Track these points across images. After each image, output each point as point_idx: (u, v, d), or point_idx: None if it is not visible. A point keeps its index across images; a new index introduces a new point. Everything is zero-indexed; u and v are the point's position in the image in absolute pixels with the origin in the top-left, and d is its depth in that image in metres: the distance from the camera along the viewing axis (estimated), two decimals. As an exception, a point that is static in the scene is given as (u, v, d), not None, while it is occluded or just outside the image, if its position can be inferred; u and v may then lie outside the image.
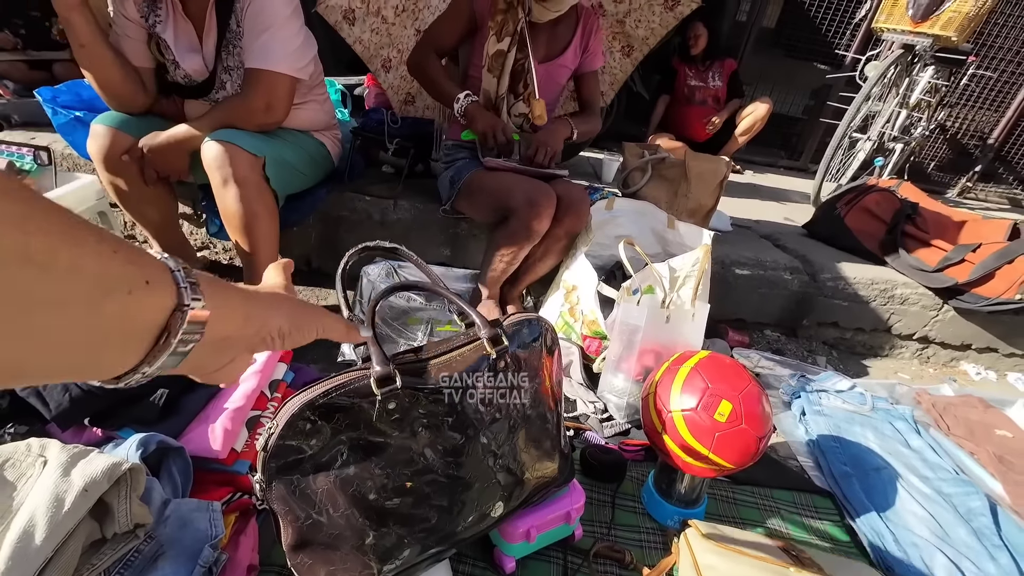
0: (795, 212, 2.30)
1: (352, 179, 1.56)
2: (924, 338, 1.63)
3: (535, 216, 1.14)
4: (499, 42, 1.25)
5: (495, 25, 1.24)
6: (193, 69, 1.16)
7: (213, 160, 1.06)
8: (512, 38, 1.23)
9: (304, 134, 1.32)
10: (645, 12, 1.56)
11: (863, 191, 1.77)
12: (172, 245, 1.40)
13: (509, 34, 1.24)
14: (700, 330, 1.10)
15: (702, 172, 1.49)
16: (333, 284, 1.58)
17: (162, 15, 1.12)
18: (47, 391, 0.64)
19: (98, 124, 1.13)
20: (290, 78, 1.15)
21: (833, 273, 1.55)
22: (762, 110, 2.99)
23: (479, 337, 0.64)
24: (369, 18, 1.39)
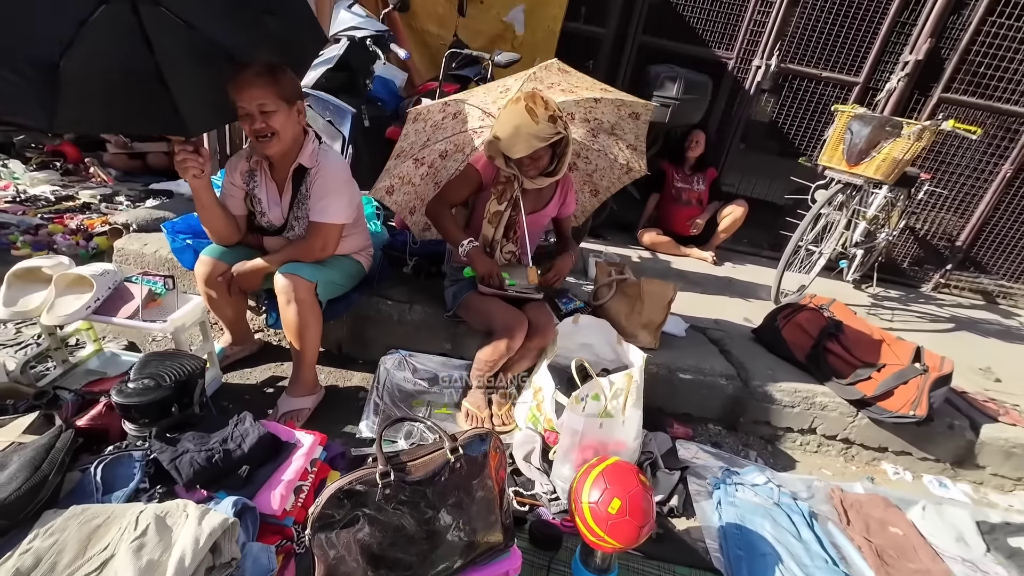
0: (756, 311, 2.63)
1: (380, 282, 2.00)
2: (846, 439, 1.91)
3: (511, 338, 1.54)
4: (499, 204, 1.68)
5: (496, 192, 1.68)
6: (274, 217, 1.63)
7: (282, 287, 1.50)
8: (508, 202, 1.67)
9: (346, 257, 1.76)
10: (607, 172, 2.01)
11: (798, 308, 2.12)
12: (239, 331, 1.85)
13: (507, 200, 1.67)
14: (631, 431, 1.45)
15: (653, 294, 1.87)
16: (358, 367, 2.02)
17: (258, 181, 1.60)
18: (181, 466, 1.04)
19: (205, 255, 1.60)
20: (340, 225, 1.61)
21: (763, 381, 1.88)
22: (738, 212, 3.41)
23: (443, 448, 1.02)
24: (404, 187, 1.86)
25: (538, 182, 1.64)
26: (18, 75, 1.31)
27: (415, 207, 1.89)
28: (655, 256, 3.43)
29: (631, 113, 1.76)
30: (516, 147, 1.48)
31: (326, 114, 2.30)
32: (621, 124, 1.81)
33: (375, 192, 1.72)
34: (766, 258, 3.90)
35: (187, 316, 1.45)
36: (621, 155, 1.91)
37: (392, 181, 1.74)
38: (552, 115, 1.48)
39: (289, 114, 1.45)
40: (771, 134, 3.73)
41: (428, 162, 1.79)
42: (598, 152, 1.95)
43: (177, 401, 1.18)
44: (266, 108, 1.39)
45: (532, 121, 1.45)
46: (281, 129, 1.43)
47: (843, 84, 3.43)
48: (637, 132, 1.81)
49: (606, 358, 1.83)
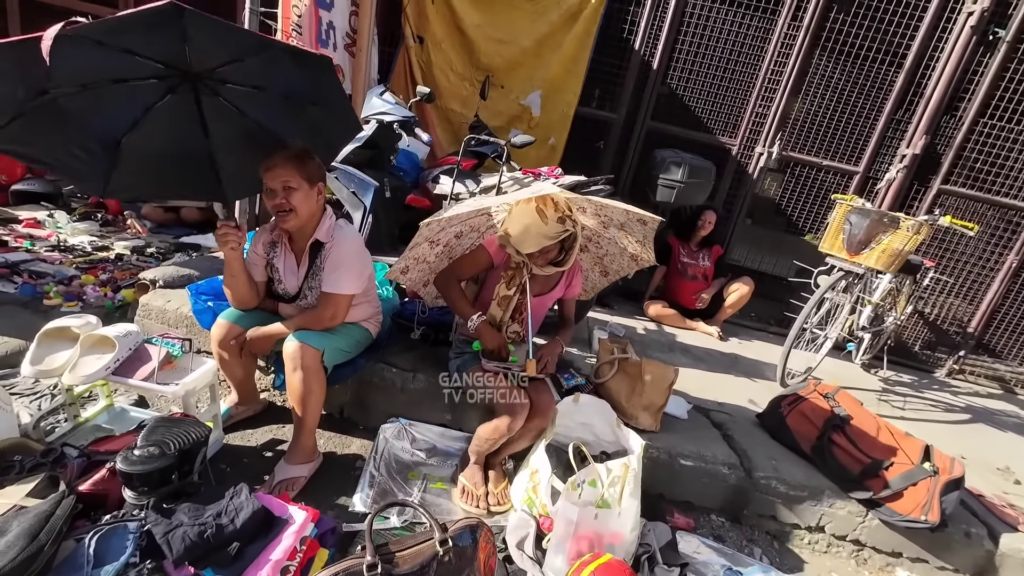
0: (760, 393, 2.60)
1: (388, 347, 2.05)
2: (857, 541, 1.82)
3: (512, 418, 1.55)
4: (508, 289, 1.75)
5: (506, 276, 1.74)
6: (290, 286, 1.72)
7: (290, 354, 1.56)
8: (517, 287, 1.74)
9: (355, 325, 1.83)
10: (617, 258, 2.10)
11: (803, 396, 2.10)
12: (246, 392, 1.89)
13: (516, 285, 1.75)
14: (628, 522, 1.41)
15: (654, 376, 1.88)
16: (358, 433, 2.03)
17: (278, 252, 1.71)
18: (173, 541, 1.05)
19: (222, 319, 1.68)
20: (350, 296, 1.68)
21: (767, 472, 1.83)
22: (744, 290, 3.46)
23: (433, 538, 1.02)
24: (419, 266, 1.95)
25: (546, 270, 1.72)
26: (87, 153, 1.48)
27: (428, 280, 1.97)
28: (660, 328, 3.45)
29: (639, 219, 1.85)
30: (526, 244, 1.57)
31: (351, 185, 2.47)
32: (630, 224, 1.91)
33: (391, 274, 1.82)
34: (773, 334, 3.90)
35: (199, 380, 1.50)
36: (630, 246, 1.99)
37: (407, 263, 1.84)
38: (561, 216, 1.57)
39: (308, 193, 1.57)
40: (776, 211, 3.85)
41: (443, 242, 1.90)
42: (609, 240, 2.04)
43: (178, 469, 1.21)
44: (289, 185, 1.52)
45: (542, 222, 1.55)
46: (299, 206, 1.55)
47: (843, 172, 3.58)
48: (645, 234, 1.90)
49: (606, 439, 1.81)
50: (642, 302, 3.64)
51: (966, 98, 3.33)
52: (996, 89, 3.26)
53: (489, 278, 1.84)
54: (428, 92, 2.61)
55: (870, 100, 3.43)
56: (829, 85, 3.45)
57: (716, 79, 3.60)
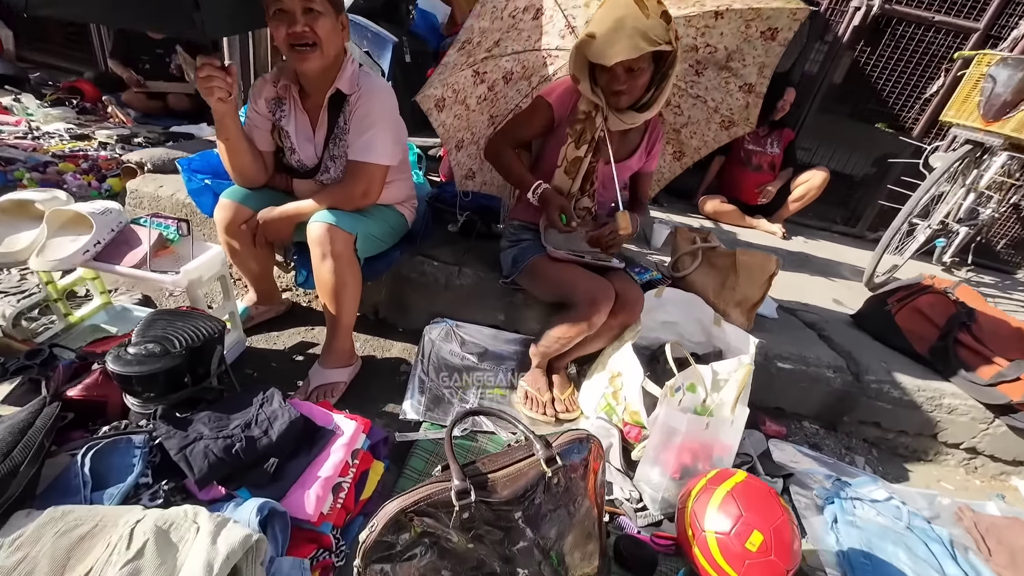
0: (845, 293, 2.29)
1: (424, 240, 1.73)
2: (972, 448, 1.60)
3: (595, 312, 1.25)
4: (577, 149, 1.37)
5: (574, 133, 1.36)
6: (306, 156, 1.35)
7: (317, 238, 1.24)
8: (589, 145, 1.35)
9: (388, 208, 1.49)
10: (701, 126, 1.65)
11: (917, 290, 1.77)
12: (265, 289, 1.61)
13: (587, 142, 1.36)
14: (738, 433, 1.17)
15: (751, 266, 1.55)
16: (396, 335, 1.75)
17: (286, 110, 1.32)
18: (192, 457, 0.80)
19: (225, 199, 1.34)
20: (385, 167, 1.32)
21: (879, 375, 1.56)
22: (818, 179, 3.00)
23: (535, 455, 0.75)
24: (455, 106, 1.55)
25: (627, 119, 1.32)
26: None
27: (463, 140, 1.57)
28: (718, 227, 3.06)
29: (764, 31, 1.38)
30: (615, 47, 1.14)
31: (363, 43, 1.99)
32: (744, 51, 1.43)
33: (423, 98, 1.41)
34: (838, 234, 3.50)
35: (204, 267, 1.21)
36: (726, 103, 1.54)
37: (445, 92, 1.42)
38: (665, 12, 1.15)
39: (335, 23, 1.18)
40: (855, 96, 3.25)
41: (489, 82, 1.47)
42: (695, 100, 1.59)
43: (190, 371, 0.95)
44: (312, 7, 1.12)
45: (641, 13, 1.13)
46: (326, 40, 1.15)
47: (958, 31, 2.91)
48: (765, 62, 1.43)
49: (694, 340, 1.53)
50: (695, 199, 3.21)
51: None
52: None
53: (548, 144, 1.45)
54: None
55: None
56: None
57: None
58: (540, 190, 1.35)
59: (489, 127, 1.68)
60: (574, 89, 1.37)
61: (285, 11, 1.11)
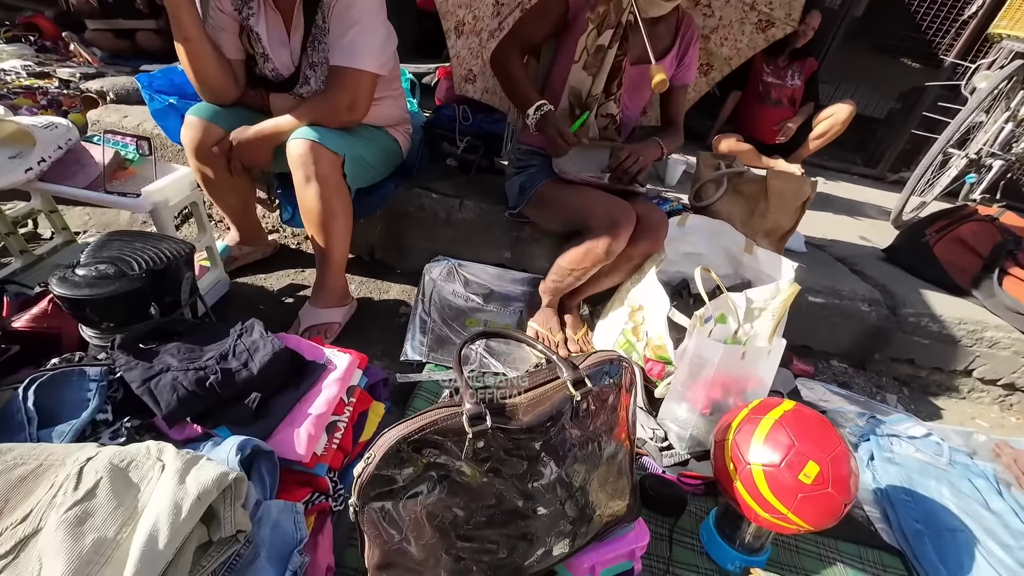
0: (872, 231, 2.15)
1: (419, 173, 1.57)
2: (1010, 384, 1.51)
3: (614, 237, 1.10)
4: (600, 36, 1.17)
5: (596, 18, 1.16)
6: (281, 63, 1.17)
7: (298, 157, 1.09)
8: (615, 32, 1.16)
9: (379, 130, 1.32)
10: (735, 30, 1.45)
11: (959, 219, 1.63)
12: (248, 228, 1.47)
13: (611, 26, 1.16)
14: (774, 367, 1.06)
15: (783, 191, 1.40)
16: (394, 277, 1.62)
17: (254, 8, 1.13)
18: (158, 390, 0.69)
19: (192, 116, 1.17)
20: (373, 75, 1.15)
21: (917, 308, 1.45)
22: (844, 113, 2.77)
23: (560, 378, 0.64)
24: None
25: (657, 3, 1.11)
26: None
27: (463, 23, 1.36)
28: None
29: None
30: None
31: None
32: None
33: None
34: (858, 176, 3.32)
35: (171, 190, 1.06)
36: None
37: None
38: None
39: None
40: (884, 22, 2.98)
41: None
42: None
43: (156, 299, 0.82)
44: None
45: None
46: None
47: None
48: None
49: (719, 272, 1.39)
50: (707, 140, 3.01)
51: None
52: None
53: (564, 41, 1.26)
54: None
55: None
56: None
57: None
58: (543, 110, 1.15)
59: (494, 17, 1.46)
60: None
61: None
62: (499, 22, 1.43)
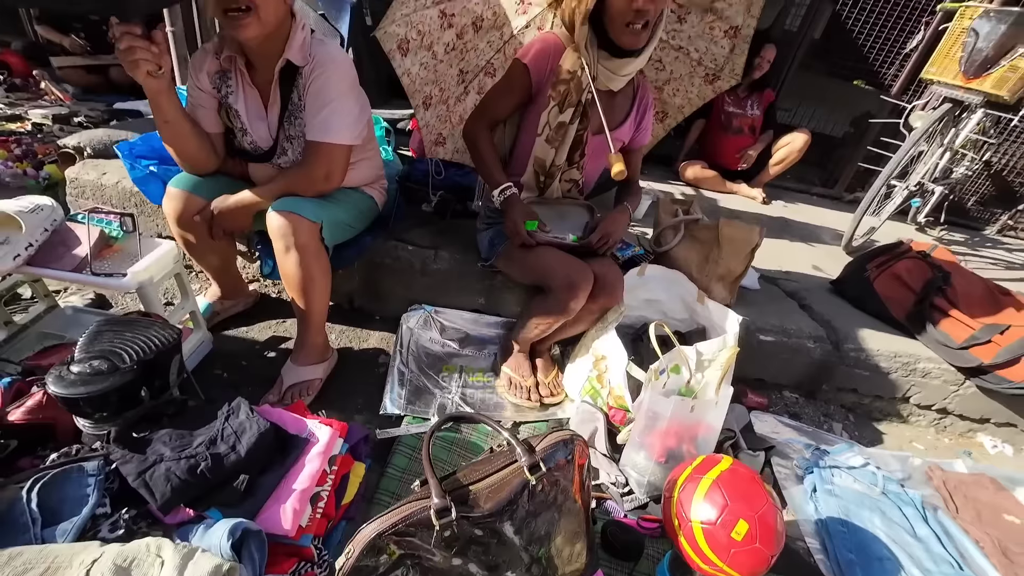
0: (825, 259, 2.30)
1: (397, 221, 1.64)
2: (943, 409, 1.65)
3: (573, 297, 1.20)
4: (561, 113, 1.27)
5: (557, 96, 1.26)
6: (259, 137, 1.23)
7: (278, 228, 1.15)
8: (575, 109, 1.26)
9: (355, 190, 1.40)
10: (685, 82, 1.58)
11: (896, 255, 1.78)
12: (229, 283, 1.52)
13: (572, 105, 1.26)
14: (723, 414, 1.17)
15: (734, 239, 1.52)
16: (373, 324, 1.70)
17: (233, 85, 1.20)
18: (153, 482, 0.75)
19: (173, 187, 1.23)
20: (347, 147, 1.22)
21: (856, 344, 1.58)
22: (799, 142, 2.95)
23: (518, 462, 0.72)
24: (421, 51, 1.41)
25: (619, 69, 1.20)
26: None
27: (431, 97, 1.45)
28: (699, 193, 3.02)
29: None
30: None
31: (318, 4, 1.82)
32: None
33: (384, 35, 1.28)
34: (817, 196, 3.50)
35: (155, 267, 1.11)
36: (710, 52, 1.46)
37: (409, 32, 1.30)
38: None
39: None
40: (835, 53, 3.17)
41: (458, 27, 1.36)
42: (677, 53, 1.50)
43: (146, 385, 0.88)
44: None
45: None
46: (262, 3, 1.02)
47: (940, -19, 2.83)
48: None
49: (676, 317, 1.52)
50: (675, 165, 3.15)
51: None
52: None
53: (528, 113, 1.35)
54: None
55: None
56: None
57: None
58: (507, 194, 1.26)
59: (459, 84, 1.56)
60: (552, 47, 1.26)
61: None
62: (464, 87, 1.51)
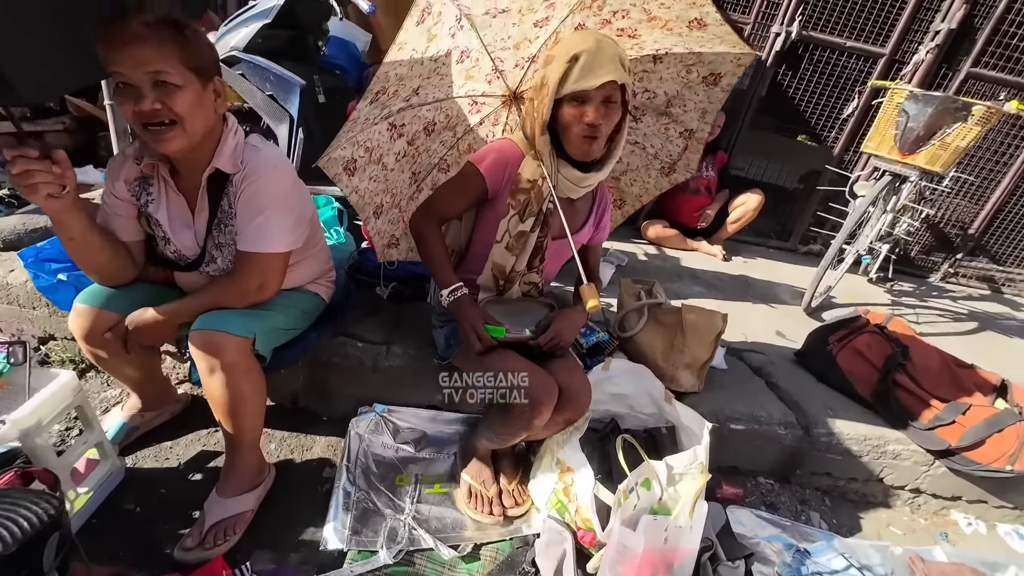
0: (786, 321, 2.32)
1: (347, 312, 1.53)
2: (916, 489, 1.62)
3: (536, 415, 1.10)
4: (522, 223, 1.22)
5: (517, 205, 1.20)
6: (184, 245, 1.12)
7: (202, 351, 1.03)
8: (536, 218, 1.21)
9: (296, 291, 1.29)
10: (641, 174, 1.58)
11: (855, 329, 1.78)
12: (152, 393, 1.36)
13: (533, 214, 1.21)
14: (698, 536, 1.08)
15: (697, 326, 1.48)
16: (319, 427, 1.55)
17: (154, 193, 1.09)
18: None
19: (81, 304, 1.09)
20: (284, 254, 1.13)
21: (827, 428, 1.55)
22: (753, 202, 3.06)
23: None
24: (370, 167, 1.38)
25: (579, 181, 1.18)
26: None
27: (382, 206, 1.40)
28: (661, 251, 3.06)
29: (707, 77, 1.30)
30: (602, 67, 1.03)
31: (266, 87, 1.75)
32: (684, 96, 1.36)
33: (328, 162, 1.23)
34: (774, 248, 3.61)
35: (46, 406, 0.96)
36: (666, 149, 1.47)
37: (356, 152, 1.25)
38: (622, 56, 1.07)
39: (202, 95, 0.96)
40: (781, 112, 3.35)
41: (409, 135, 1.31)
42: (633, 147, 1.51)
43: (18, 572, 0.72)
44: (166, 79, 0.90)
45: (612, 44, 1.05)
46: (187, 115, 0.94)
47: (868, 55, 3.06)
48: (707, 107, 1.36)
49: (645, 412, 1.44)
50: (638, 223, 3.19)
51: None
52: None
53: (484, 215, 1.30)
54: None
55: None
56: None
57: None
58: (457, 295, 1.18)
59: (412, 185, 1.51)
60: (510, 155, 1.22)
61: (129, 84, 0.89)
62: (417, 186, 1.46)
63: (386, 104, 1.27)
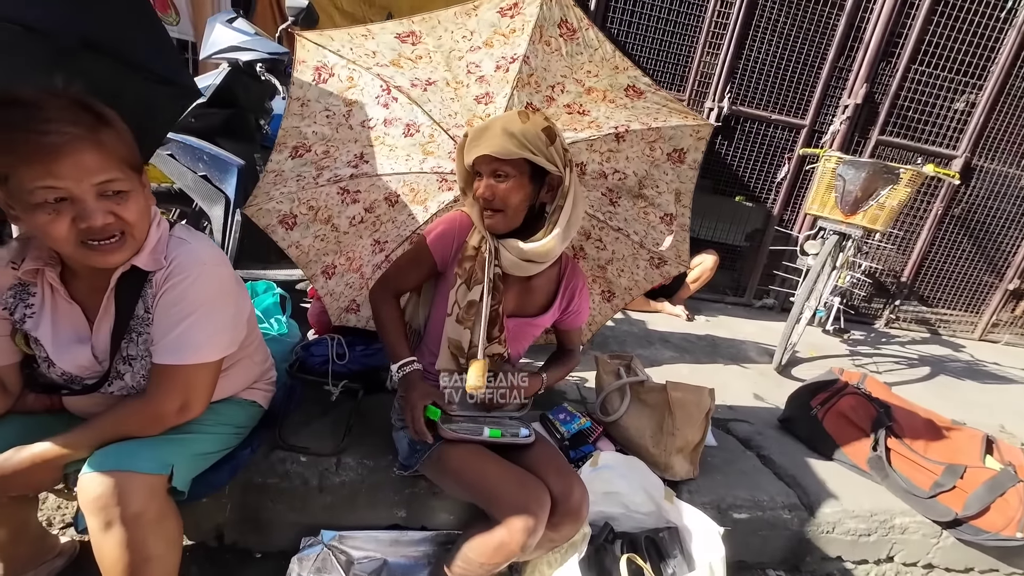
0: (760, 381, 2.28)
1: (288, 415, 1.31)
2: (928, 564, 1.51)
3: (529, 532, 0.91)
4: (470, 292, 1.11)
5: (463, 273, 1.12)
6: (77, 365, 0.90)
7: (94, 501, 0.79)
8: (484, 286, 1.11)
9: (227, 401, 1.07)
10: (629, 264, 1.52)
11: (834, 392, 1.74)
12: (25, 553, 1.05)
13: (479, 282, 1.11)
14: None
15: (686, 405, 1.37)
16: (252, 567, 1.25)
17: (36, 305, 0.88)
18: None
19: (-80, 448, 0.83)
20: (215, 363, 0.93)
21: (832, 506, 1.43)
22: (709, 262, 3.13)
23: None
24: (316, 224, 1.26)
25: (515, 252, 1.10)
26: None
27: (333, 266, 1.27)
28: (628, 316, 3.02)
29: (671, 153, 1.28)
30: (480, 143, 1.02)
31: (199, 167, 1.61)
32: (654, 176, 1.33)
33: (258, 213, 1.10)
34: (731, 304, 3.68)
35: None
36: (650, 237, 1.42)
37: (296, 208, 1.15)
38: (549, 128, 1.03)
39: (142, 194, 0.83)
40: (723, 176, 3.56)
41: (366, 203, 1.23)
42: (617, 233, 1.45)
43: None
44: (115, 187, 0.77)
45: (519, 119, 1.01)
46: (137, 222, 0.81)
47: (791, 127, 3.36)
48: (680, 188, 1.33)
49: (641, 511, 1.27)
50: (600, 287, 3.17)
51: (899, 44, 3.23)
52: (925, 34, 3.18)
53: (439, 290, 1.20)
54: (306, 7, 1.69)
55: (814, 47, 3.21)
56: (775, 31, 3.16)
57: (659, 29, 3.15)
58: (407, 370, 1.09)
59: (375, 252, 1.39)
60: (458, 225, 1.16)
61: (69, 199, 0.73)
62: (385, 256, 1.36)
63: (321, 165, 1.20)
